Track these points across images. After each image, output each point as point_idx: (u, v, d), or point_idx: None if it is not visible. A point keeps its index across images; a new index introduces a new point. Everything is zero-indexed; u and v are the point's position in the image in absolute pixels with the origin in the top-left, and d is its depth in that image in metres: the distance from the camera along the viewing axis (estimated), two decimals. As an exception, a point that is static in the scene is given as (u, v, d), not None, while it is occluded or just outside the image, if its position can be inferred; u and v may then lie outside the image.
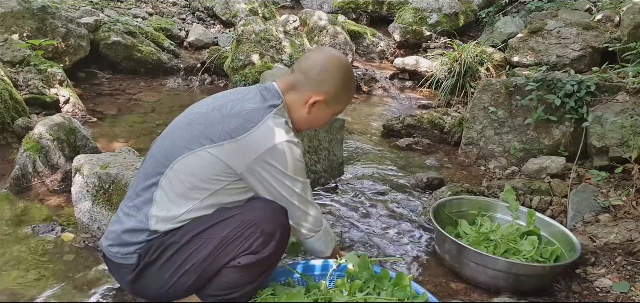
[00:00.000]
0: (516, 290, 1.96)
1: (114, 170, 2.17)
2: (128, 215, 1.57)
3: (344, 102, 1.75)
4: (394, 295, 1.61)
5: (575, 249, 2.02)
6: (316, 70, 1.64)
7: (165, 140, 1.62)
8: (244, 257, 1.49)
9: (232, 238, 1.48)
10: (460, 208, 2.37)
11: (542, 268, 1.96)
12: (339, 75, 1.66)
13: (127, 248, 1.54)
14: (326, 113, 1.71)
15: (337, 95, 1.68)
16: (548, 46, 4.76)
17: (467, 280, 2.04)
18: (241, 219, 1.50)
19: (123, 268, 1.57)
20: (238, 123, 1.52)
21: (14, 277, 1.87)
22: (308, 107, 1.65)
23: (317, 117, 1.70)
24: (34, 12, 4.30)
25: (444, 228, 2.19)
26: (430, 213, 2.21)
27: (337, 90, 1.67)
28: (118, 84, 4.78)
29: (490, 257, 1.97)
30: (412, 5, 6.61)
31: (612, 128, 2.90)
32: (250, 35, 4.86)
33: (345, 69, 1.69)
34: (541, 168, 3.01)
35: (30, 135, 2.69)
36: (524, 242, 2.09)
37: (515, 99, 3.39)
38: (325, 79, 1.64)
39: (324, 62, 1.66)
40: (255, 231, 1.49)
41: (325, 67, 1.65)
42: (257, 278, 1.55)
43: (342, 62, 1.69)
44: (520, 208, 2.25)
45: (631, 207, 2.45)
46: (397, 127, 3.93)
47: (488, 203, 2.41)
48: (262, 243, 1.49)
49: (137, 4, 6.57)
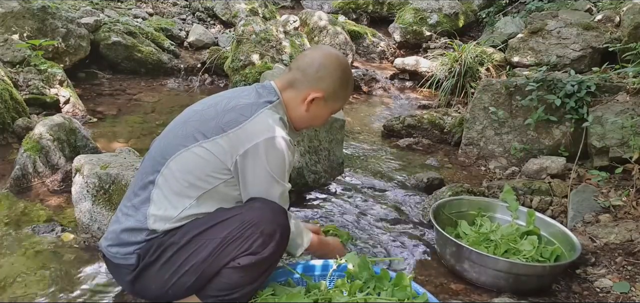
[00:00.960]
0: (516, 290, 1.96)
1: (114, 170, 2.17)
2: (126, 215, 1.56)
3: (342, 99, 1.74)
4: (394, 295, 1.61)
5: (575, 248, 2.02)
6: (314, 67, 1.64)
7: (162, 139, 1.63)
8: (244, 258, 1.49)
9: (231, 239, 1.48)
10: (460, 209, 2.37)
11: (542, 267, 1.97)
12: (337, 72, 1.66)
13: (126, 248, 1.54)
14: (324, 110, 1.70)
15: (335, 92, 1.67)
16: (548, 46, 4.76)
17: (467, 280, 2.04)
18: (240, 220, 1.49)
19: (122, 269, 1.57)
20: (231, 117, 1.52)
21: (14, 277, 1.87)
22: (306, 104, 1.65)
23: (316, 114, 1.70)
24: (34, 12, 4.30)
25: (443, 228, 2.19)
26: (430, 214, 2.21)
27: (335, 87, 1.66)
28: (118, 84, 4.78)
29: (490, 256, 1.97)
30: (412, 5, 6.61)
31: (612, 128, 2.90)
32: (250, 35, 4.86)
33: (343, 65, 1.69)
34: (541, 168, 3.01)
35: (30, 135, 2.69)
36: (523, 242, 2.09)
37: (515, 99, 3.39)
38: (323, 76, 1.64)
39: (322, 59, 1.66)
40: (254, 231, 1.48)
41: (323, 64, 1.65)
42: (257, 278, 1.55)
43: (339, 59, 1.70)
44: (520, 208, 2.25)
45: (631, 207, 2.45)
46: (397, 127, 3.93)
47: (487, 203, 2.41)
48: (261, 244, 1.49)
49: (137, 4, 6.57)
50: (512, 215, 2.23)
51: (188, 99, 4.53)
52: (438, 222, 2.16)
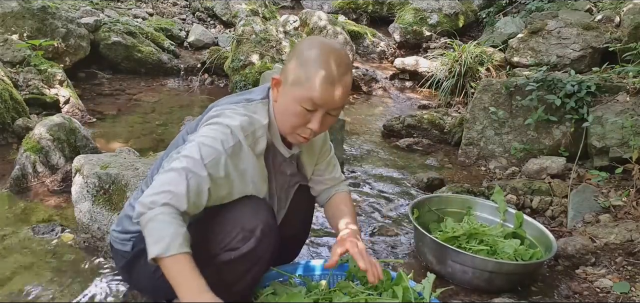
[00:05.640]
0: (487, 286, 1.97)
1: (114, 170, 2.17)
2: (131, 205, 1.52)
3: (304, 80, 1.37)
4: (394, 295, 1.61)
5: (550, 250, 2.02)
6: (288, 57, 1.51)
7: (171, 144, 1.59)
8: (224, 254, 1.41)
9: (211, 237, 1.42)
10: (445, 206, 2.39)
11: (496, 264, 1.95)
12: (299, 51, 1.41)
13: (124, 235, 1.51)
14: (288, 98, 1.40)
15: (295, 72, 1.39)
16: (548, 46, 4.76)
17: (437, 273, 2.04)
18: (222, 216, 1.42)
19: (118, 254, 1.54)
20: (211, 115, 1.45)
21: (14, 277, 1.87)
22: (274, 94, 1.46)
23: (283, 106, 1.43)
24: (33, 12, 4.30)
25: (429, 224, 2.25)
26: (408, 210, 2.23)
27: (293, 66, 1.40)
28: (118, 84, 4.78)
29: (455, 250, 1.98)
30: (412, 5, 6.62)
31: (612, 128, 2.90)
32: (250, 35, 4.86)
33: (310, 44, 1.42)
34: (541, 168, 3.01)
35: (30, 135, 2.69)
36: (506, 243, 2.09)
37: (515, 99, 3.39)
38: (288, 59, 1.46)
39: (296, 46, 1.47)
40: (234, 227, 1.40)
41: (294, 49, 1.45)
42: (241, 277, 1.44)
43: (311, 40, 1.47)
44: (509, 210, 2.27)
45: (631, 207, 2.45)
46: (397, 127, 3.93)
47: (473, 201, 2.41)
48: (241, 239, 1.39)
49: (137, 4, 6.57)
50: (500, 216, 2.25)
51: (188, 99, 4.54)
52: (420, 220, 2.19)
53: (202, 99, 4.66)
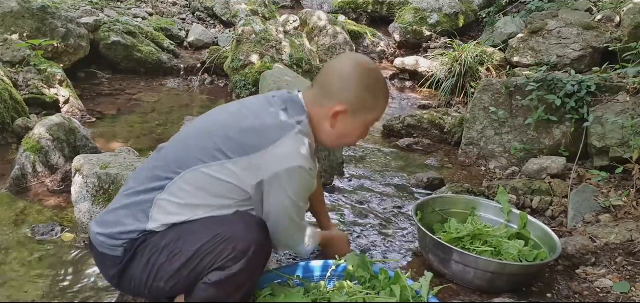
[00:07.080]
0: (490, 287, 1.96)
1: (114, 170, 2.17)
2: (125, 207, 1.51)
3: (374, 107, 1.58)
4: (392, 293, 1.61)
5: (555, 250, 2.01)
6: (334, 79, 1.55)
7: (181, 144, 1.56)
8: (214, 273, 1.41)
9: (204, 253, 1.41)
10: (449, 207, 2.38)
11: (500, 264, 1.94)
12: (359, 80, 1.53)
13: (114, 241, 1.48)
14: (354, 124, 1.57)
15: (363, 102, 1.54)
16: (548, 46, 4.76)
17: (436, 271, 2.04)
18: (214, 233, 1.42)
19: (107, 260, 1.51)
20: (255, 140, 1.46)
21: (14, 277, 1.87)
22: (330, 121, 1.55)
23: (345, 131, 1.58)
24: (33, 12, 4.30)
25: (433, 225, 2.24)
26: (412, 212, 2.22)
27: (360, 96, 1.53)
28: (118, 83, 4.78)
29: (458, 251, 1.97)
30: (412, 5, 6.61)
31: (612, 128, 2.90)
32: (250, 35, 4.85)
33: (367, 71, 1.56)
34: (541, 168, 3.01)
35: (29, 135, 2.69)
36: (510, 244, 2.08)
37: (516, 99, 3.39)
38: (344, 87, 1.53)
39: (341, 69, 1.55)
40: (227, 247, 1.40)
41: (343, 73, 1.54)
42: (232, 294, 1.45)
43: (361, 66, 1.57)
44: (513, 211, 2.26)
45: (631, 207, 2.45)
46: (397, 127, 3.93)
47: (477, 202, 2.40)
48: (233, 259, 1.40)
49: (137, 3, 6.57)
50: (504, 217, 2.24)
51: (188, 99, 4.53)
52: (424, 221, 2.19)
53: (202, 98, 4.66)
